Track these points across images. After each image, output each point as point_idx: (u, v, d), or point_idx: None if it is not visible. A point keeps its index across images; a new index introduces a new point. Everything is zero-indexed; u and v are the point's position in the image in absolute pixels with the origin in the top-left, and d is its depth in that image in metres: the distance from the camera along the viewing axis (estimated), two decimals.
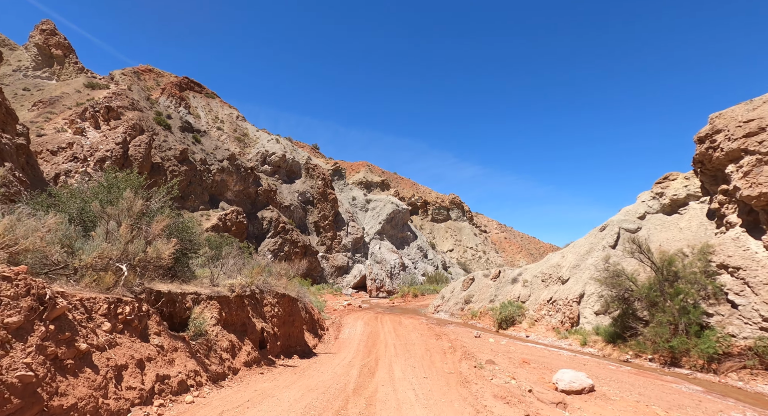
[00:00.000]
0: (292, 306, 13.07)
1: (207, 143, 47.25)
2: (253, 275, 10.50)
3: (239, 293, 9.81)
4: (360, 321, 22.67)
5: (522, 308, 21.74)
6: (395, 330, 20.05)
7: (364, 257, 56.18)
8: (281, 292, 12.32)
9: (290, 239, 49.31)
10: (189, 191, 40.33)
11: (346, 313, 26.63)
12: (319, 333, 17.28)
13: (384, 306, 35.66)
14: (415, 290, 39.33)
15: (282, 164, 58.30)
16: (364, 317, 24.83)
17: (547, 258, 24.12)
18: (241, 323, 9.56)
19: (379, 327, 21.03)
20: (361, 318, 24.41)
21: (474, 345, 16.15)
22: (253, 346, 9.61)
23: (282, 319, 11.79)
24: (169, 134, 41.36)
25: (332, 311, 27.06)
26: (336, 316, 24.00)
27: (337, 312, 27.03)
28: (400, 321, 23.51)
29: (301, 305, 15.51)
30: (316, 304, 22.25)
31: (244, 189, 49.20)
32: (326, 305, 28.85)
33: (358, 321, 22.59)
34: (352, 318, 24.12)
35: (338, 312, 26.66)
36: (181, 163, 40.08)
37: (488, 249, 70.41)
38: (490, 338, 18.31)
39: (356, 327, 20.74)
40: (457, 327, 22.40)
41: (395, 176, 79.93)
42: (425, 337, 17.97)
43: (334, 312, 26.90)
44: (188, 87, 70.94)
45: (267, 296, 11.34)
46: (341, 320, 22.55)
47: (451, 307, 27.98)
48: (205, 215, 40.19)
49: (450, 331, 20.05)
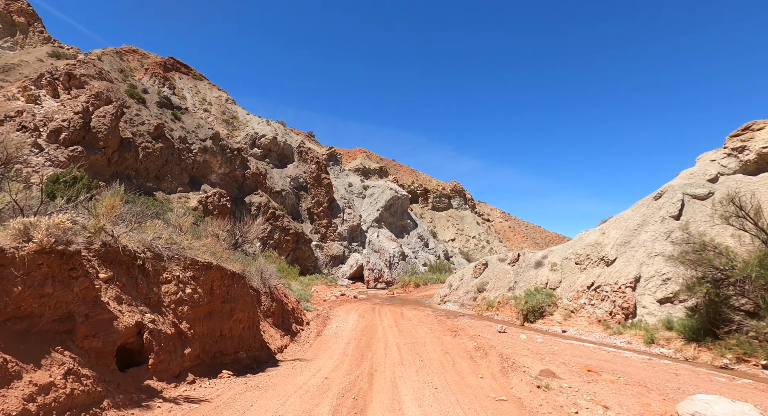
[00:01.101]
0: (229, 288, 8.40)
1: (188, 121, 42.55)
2: (110, 211, 5.86)
3: (46, 246, 4.69)
4: (353, 313, 18.25)
5: (552, 297, 17.33)
6: (397, 324, 15.64)
7: (361, 246, 51.78)
8: (204, 261, 7.59)
9: (280, 226, 44.82)
10: (165, 170, 35.71)
11: (338, 304, 22.21)
12: (294, 329, 12.82)
13: (382, 297, 31.28)
14: (416, 279, 34.98)
15: (273, 148, 53.66)
16: (359, 308, 20.42)
17: (578, 237, 19.70)
18: (58, 313, 4.79)
19: (377, 319, 16.64)
20: (356, 309, 19.99)
21: (505, 343, 11.73)
22: (95, 364, 4.97)
23: (202, 308, 7.16)
24: (143, 108, 36.65)
25: (321, 302, 22.62)
26: (325, 308, 19.56)
27: (328, 303, 22.60)
28: (403, 313, 19.14)
29: (262, 289, 11.08)
30: (299, 292, 17.79)
31: (230, 172, 44.59)
32: (315, 295, 24.41)
33: (351, 313, 18.17)
34: (344, 309, 19.71)
35: (328, 303, 22.22)
36: (156, 139, 35.40)
37: (492, 239, 66.03)
38: (521, 334, 13.86)
39: (348, 320, 16.32)
40: (473, 320, 18.01)
41: (394, 164, 75.29)
42: (438, 333, 13.55)
43: (324, 302, 22.47)
44: (174, 68, 66.01)
45: (171, 266, 6.70)
46: (330, 312, 18.12)
47: (460, 297, 23.58)
48: (183, 197, 35.61)
49: (466, 325, 15.65)
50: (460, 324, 15.69)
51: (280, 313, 12.19)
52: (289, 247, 45.31)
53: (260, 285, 11.33)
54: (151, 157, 33.98)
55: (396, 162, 75.26)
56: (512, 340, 12.84)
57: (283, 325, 12.10)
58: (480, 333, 14.00)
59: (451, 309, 22.85)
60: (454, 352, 9.90)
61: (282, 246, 44.52)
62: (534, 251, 22.50)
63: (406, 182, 71.39)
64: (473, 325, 15.96)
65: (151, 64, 62.11)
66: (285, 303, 13.09)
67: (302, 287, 22.18)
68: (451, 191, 70.86)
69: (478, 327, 15.39)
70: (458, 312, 21.82)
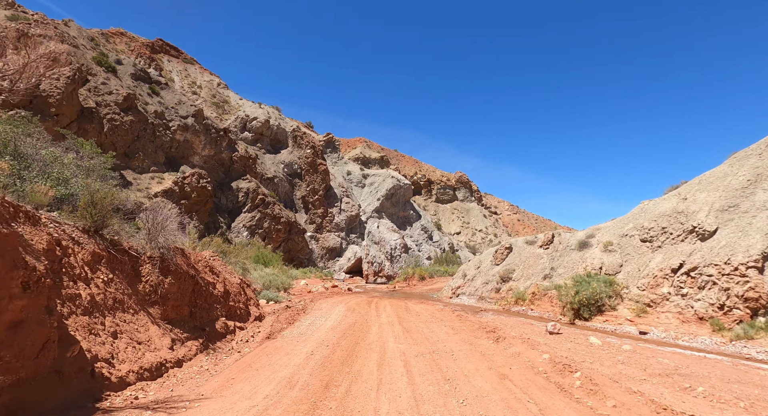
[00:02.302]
0: None
1: (168, 96, 37.79)
2: None
3: None
4: (341, 307, 13.34)
5: (614, 286, 12.43)
6: (401, 321, 10.75)
7: (360, 237, 46.91)
8: None
9: (271, 214, 40.01)
10: (136, 147, 30.93)
11: (326, 296, 17.33)
12: (220, 328, 7.51)
13: (382, 291, 26.41)
14: (421, 271, 30.12)
15: (265, 132, 48.89)
16: (351, 301, 15.52)
17: (639, 209, 14.75)
18: None
19: (372, 314, 11.76)
20: (346, 302, 15.08)
21: (582, 354, 6.84)
22: None
23: None
24: (112, 78, 31.91)
25: (304, 293, 17.75)
26: (303, 300, 14.65)
27: (313, 294, 17.72)
28: (408, 307, 14.27)
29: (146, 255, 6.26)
30: (268, 279, 12.92)
31: (215, 154, 39.82)
32: (299, 287, 19.55)
33: (337, 307, 13.26)
34: (331, 302, 14.80)
35: (313, 295, 17.34)
36: (126, 112, 30.63)
37: (500, 232, 61.05)
38: (591, 337, 8.97)
39: (330, 314, 11.39)
40: (501, 316, 13.13)
41: (396, 154, 70.44)
42: (466, 334, 8.64)
43: (308, 294, 17.60)
44: (163, 50, 61.37)
45: None
46: (309, 305, 13.19)
47: (478, 288, 18.67)
48: (157, 177, 30.84)
49: (499, 322, 10.76)
50: (490, 322, 10.79)
51: (184, 299, 7.06)
52: (280, 237, 40.50)
53: (146, 246, 6.33)
54: (119, 131, 29.31)
55: (398, 152, 70.41)
56: (584, 347, 7.94)
57: (191, 321, 7.07)
58: (526, 334, 9.11)
59: (467, 303, 17.97)
60: (517, 376, 5.09)
61: (272, 236, 39.71)
62: (571, 231, 17.60)
63: (408, 172, 66.56)
64: (508, 323, 11.04)
65: (138, 45, 57.51)
66: (210, 285, 8.05)
67: (277, 274, 17.30)
68: (456, 183, 65.98)
69: (518, 326, 10.48)
70: (477, 306, 16.94)
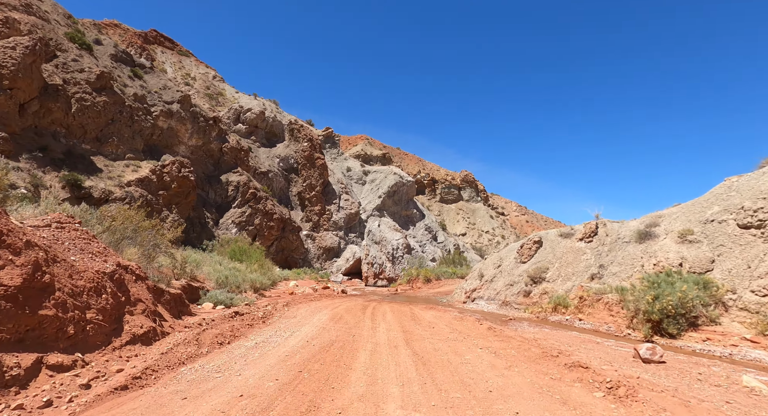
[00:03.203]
0: None
1: (152, 80, 34.36)
2: None
3: None
4: (323, 314, 9.53)
5: (711, 289, 8.67)
6: (408, 338, 6.97)
7: (360, 237, 43.18)
8: None
9: (262, 210, 36.35)
10: (110, 131, 27.38)
11: (311, 300, 13.54)
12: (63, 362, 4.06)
13: (382, 294, 22.62)
14: (427, 273, 26.33)
15: (260, 124, 45.40)
16: (340, 306, 11.73)
17: (727, 186, 10.99)
18: None
19: (365, 327, 8.01)
20: (333, 306, 11.32)
21: None
22: None
23: None
24: (86, 56, 28.47)
25: (286, 295, 13.98)
26: (277, 303, 10.82)
27: (295, 297, 13.93)
28: (415, 315, 10.50)
29: None
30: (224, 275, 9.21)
31: (204, 144, 36.29)
32: (282, 289, 15.79)
33: (318, 314, 9.43)
34: (312, 307, 10.99)
35: (294, 298, 13.53)
36: (99, 92, 27.13)
37: (507, 234, 57.14)
38: (743, 375, 5.27)
39: (301, 327, 7.44)
40: (545, 329, 9.36)
41: (398, 152, 66.79)
42: (524, 369, 4.81)
43: (289, 296, 13.84)
44: (156, 41, 58.23)
45: None
46: (278, 311, 9.27)
47: (500, 291, 14.86)
48: (132, 165, 27.24)
49: (552, 340, 7.05)
50: (542, 339, 7.05)
51: None
52: (272, 235, 36.79)
53: None
54: (90, 112, 25.87)
55: (401, 150, 66.76)
56: (751, 400, 4.20)
57: None
58: (612, 363, 5.38)
59: (487, 310, 14.17)
60: None
61: (264, 234, 36.00)
62: (621, 221, 13.82)
63: (411, 171, 62.91)
64: (564, 339, 7.28)
65: (129, 35, 54.39)
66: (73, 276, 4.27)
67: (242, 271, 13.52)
68: (461, 182, 62.25)
69: (582, 346, 6.73)
70: (502, 313, 13.16)
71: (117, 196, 23.99)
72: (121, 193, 24.26)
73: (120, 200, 24.14)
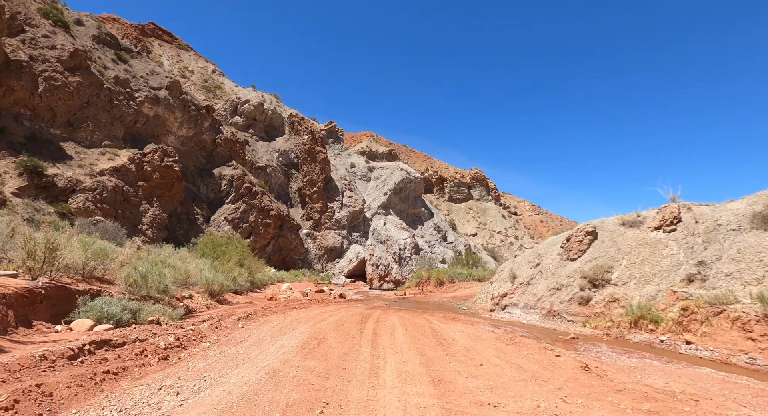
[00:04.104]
0: None
1: (139, 65, 31.37)
2: None
3: None
4: (295, 334, 5.97)
5: None
6: (444, 395, 3.58)
7: (364, 236, 39.66)
8: None
9: (258, 206, 33.06)
10: (84, 115, 24.26)
11: (293, 308, 10.01)
12: None
13: (388, 299, 19.08)
14: (439, 274, 22.77)
15: (258, 117, 42.25)
16: (330, 317, 8.22)
17: None
18: None
19: (358, 361, 4.61)
20: (319, 319, 7.81)
21: None
22: None
23: None
24: (60, 33, 25.48)
25: (262, 301, 10.55)
26: (236, 314, 7.29)
27: (273, 303, 10.44)
28: (438, 333, 6.99)
29: None
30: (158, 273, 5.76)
31: (195, 135, 33.16)
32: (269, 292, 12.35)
33: (285, 336, 5.79)
34: (287, 321, 7.43)
35: (271, 305, 10.02)
36: (72, 72, 24.07)
37: (521, 234, 53.27)
38: None
39: (227, 374, 3.95)
40: (646, 360, 5.82)
41: (405, 149, 63.36)
42: None
43: (266, 303, 10.38)
44: (154, 34, 55.55)
45: None
46: (222, 330, 5.84)
47: (543, 297, 11.25)
48: (109, 153, 24.07)
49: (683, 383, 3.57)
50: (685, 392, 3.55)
51: None
52: (269, 233, 33.45)
53: None
54: (60, 93, 22.84)
55: (407, 148, 63.31)
56: None
57: None
58: None
59: (527, 321, 10.59)
60: None
61: (259, 232, 32.67)
62: (709, 203, 10.21)
63: (419, 168, 59.38)
64: (709, 385, 3.74)
65: (124, 26, 51.77)
66: None
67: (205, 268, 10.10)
68: (471, 180, 58.57)
69: None
70: (548, 327, 9.59)
71: (86, 186, 20.84)
72: (91, 182, 21.12)
73: (90, 191, 20.99)
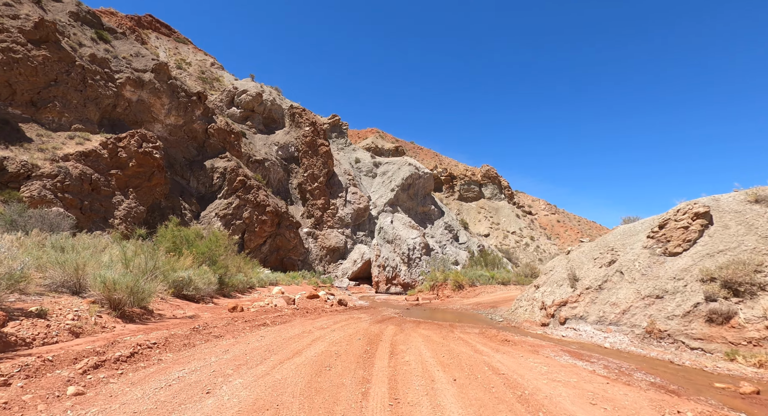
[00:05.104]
0: None
1: (123, 47, 28.30)
2: None
3: None
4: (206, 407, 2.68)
5: None
6: None
7: (370, 236, 36.07)
8: None
9: (253, 201, 29.69)
10: (50, 94, 21.09)
11: (262, 323, 6.55)
12: None
13: (398, 306, 15.49)
14: (457, 277, 19.15)
15: (257, 108, 39.02)
16: (315, 345, 4.78)
17: None
18: None
19: None
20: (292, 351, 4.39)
21: None
22: None
23: None
24: (27, 3, 22.42)
25: (219, 312, 7.14)
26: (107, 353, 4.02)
27: (231, 317, 7.06)
28: (509, 379, 3.54)
29: None
30: None
31: (185, 124, 29.95)
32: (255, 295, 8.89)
33: None
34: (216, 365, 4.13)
35: (222, 320, 6.64)
36: (36, 45, 20.95)
37: (537, 234, 49.38)
38: None
39: None
40: None
41: (412, 145, 59.92)
42: None
43: (229, 314, 6.98)
44: (151, 26, 52.80)
45: None
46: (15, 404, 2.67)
47: (631, 309, 7.62)
48: (78, 137, 20.87)
49: None
50: None
51: None
52: (265, 231, 30.04)
53: None
54: (22, 67, 19.76)
55: (415, 144, 59.82)
56: None
57: None
58: None
59: (610, 346, 6.98)
60: None
61: (254, 229, 29.28)
62: None
63: (427, 166, 55.78)
64: None
65: (119, 17, 49.06)
66: None
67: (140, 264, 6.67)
68: (482, 178, 54.82)
69: None
70: (655, 357, 6.00)
71: (45, 172, 17.64)
72: (51, 168, 17.92)
73: (48, 178, 17.79)
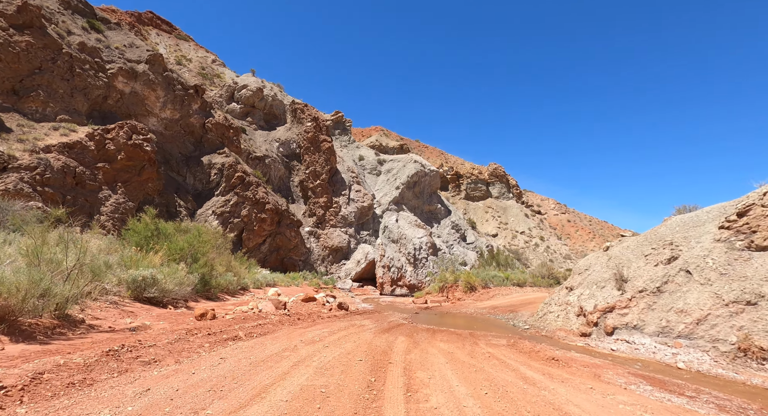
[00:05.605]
0: None
1: (116, 37, 26.99)
2: None
3: None
4: None
5: None
6: None
7: (374, 235, 34.43)
8: None
9: (252, 199, 28.18)
10: (34, 82, 19.71)
11: (231, 338, 5.04)
12: None
13: (406, 310, 13.83)
14: (469, 277, 17.48)
15: (257, 103, 37.60)
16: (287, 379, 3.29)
17: None
18: None
19: None
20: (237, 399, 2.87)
21: None
22: None
23: None
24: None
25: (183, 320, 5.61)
26: None
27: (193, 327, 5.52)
28: None
29: None
30: None
31: (182, 118, 28.55)
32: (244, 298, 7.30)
33: None
34: None
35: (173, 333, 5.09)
36: (19, 30, 19.61)
37: (547, 235, 47.48)
38: None
39: None
40: None
41: (417, 144, 58.34)
42: None
43: (197, 322, 5.45)
44: (152, 23, 51.69)
45: None
46: None
47: (704, 318, 5.95)
48: (63, 128, 19.49)
49: None
50: None
51: None
52: (264, 230, 28.51)
53: None
54: (3, 53, 18.35)
55: (420, 142, 58.22)
56: None
57: None
58: None
59: (684, 366, 5.29)
60: None
61: (253, 228, 27.76)
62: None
63: (433, 164, 54.13)
64: None
65: (119, 13, 48.00)
66: None
67: None
68: (489, 176, 53.04)
69: None
70: (759, 384, 4.21)
71: (23, 164, 16.26)
72: (30, 160, 16.54)
73: (26, 170, 16.42)
